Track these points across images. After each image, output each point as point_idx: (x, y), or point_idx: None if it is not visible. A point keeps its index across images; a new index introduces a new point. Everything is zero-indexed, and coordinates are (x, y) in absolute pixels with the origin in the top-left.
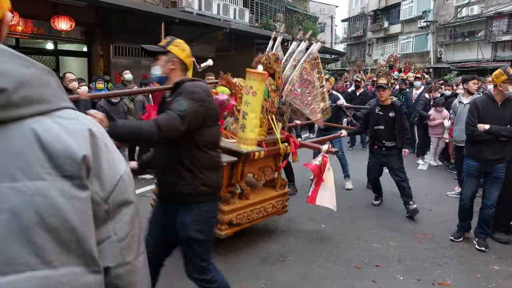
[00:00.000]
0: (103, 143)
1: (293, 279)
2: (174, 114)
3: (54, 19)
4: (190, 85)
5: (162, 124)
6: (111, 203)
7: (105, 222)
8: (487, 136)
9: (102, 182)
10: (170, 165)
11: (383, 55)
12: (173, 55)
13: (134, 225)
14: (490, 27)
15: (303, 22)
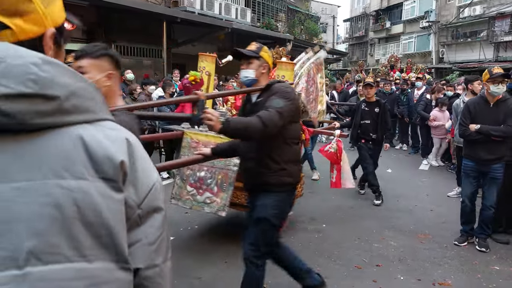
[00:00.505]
0: (139, 152)
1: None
2: (274, 111)
3: None
4: (282, 86)
5: (267, 120)
6: (144, 208)
7: (137, 225)
8: (477, 136)
9: (137, 188)
10: (259, 157)
11: (385, 55)
12: (264, 60)
13: (163, 230)
14: (492, 28)
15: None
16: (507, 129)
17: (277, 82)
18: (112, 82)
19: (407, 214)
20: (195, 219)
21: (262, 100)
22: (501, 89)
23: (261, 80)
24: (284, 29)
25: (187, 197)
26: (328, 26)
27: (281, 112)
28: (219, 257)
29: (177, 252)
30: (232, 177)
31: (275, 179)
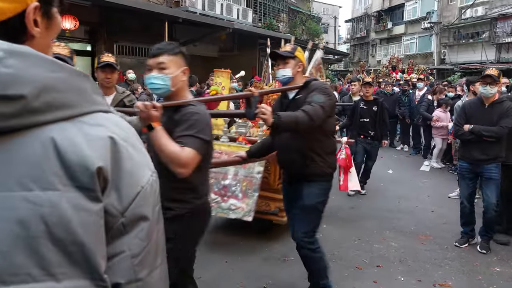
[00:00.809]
0: (126, 151)
1: (295, 278)
2: (318, 106)
3: None
4: (320, 83)
5: (312, 114)
6: (129, 216)
7: (120, 235)
8: (470, 136)
9: (121, 194)
10: (303, 150)
11: (386, 56)
12: (299, 60)
13: (151, 240)
14: (494, 29)
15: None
16: (499, 129)
17: (313, 79)
18: (185, 78)
19: (408, 215)
20: None
21: (302, 97)
22: (488, 90)
23: (297, 78)
24: (286, 29)
25: (212, 204)
26: (330, 26)
27: (324, 106)
28: (220, 257)
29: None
30: (256, 183)
31: (319, 169)
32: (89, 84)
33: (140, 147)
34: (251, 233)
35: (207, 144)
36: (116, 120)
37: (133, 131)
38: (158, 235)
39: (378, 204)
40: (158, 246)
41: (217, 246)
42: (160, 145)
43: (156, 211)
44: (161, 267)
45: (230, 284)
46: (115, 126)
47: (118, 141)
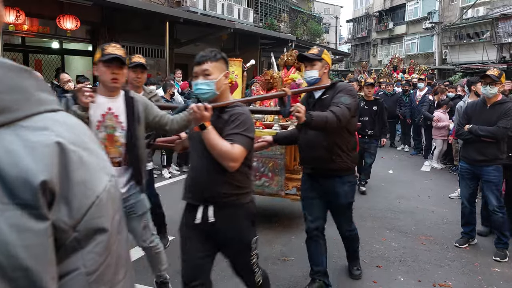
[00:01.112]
0: (78, 157)
1: (295, 278)
2: (344, 107)
3: (60, 18)
4: (345, 85)
5: (340, 115)
6: (82, 230)
7: (74, 251)
8: (468, 136)
9: (72, 207)
10: (330, 147)
11: (387, 56)
12: (325, 62)
13: (110, 253)
14: (496, 29)
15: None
16: (494, 129)
17: (339, 81)
18: (227, 81)
19: (408, 215)
20: None
21: (328, 97)
22: (488, 90)
23: (323, 78)
24: (287, 29)
25: None
26: (331, 26)
27: (349, 108)
28: (220, 257)
29: (178, 252)
30: (281, 164)
31: (344, 164)
32: (32, 80)
33: (95, 149)
34: None
35: (252, 141)
36: (65, 119)
37: (85, 130)
38: (119, 247)
39: (379, 204)
40: (119, 259)
41: None
42: (212, 143)
43: (116, 220)
44: (124, 281)
45: (230, 284)
46: (63, 127)
47: (66, 146)
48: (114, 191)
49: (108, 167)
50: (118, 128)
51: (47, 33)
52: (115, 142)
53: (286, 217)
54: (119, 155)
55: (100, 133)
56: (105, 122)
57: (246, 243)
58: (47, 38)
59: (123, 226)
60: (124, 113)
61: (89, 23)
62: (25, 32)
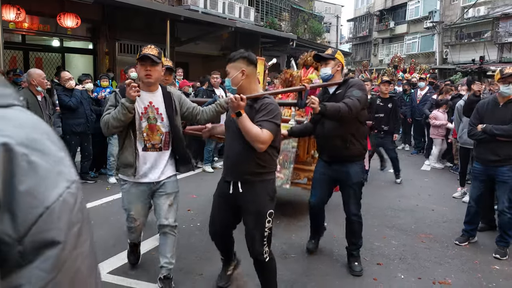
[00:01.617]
0: (27, 162)
1: (295, 275)
2: (356, 99)
3: (60, 16)
4: (357, 80)
5: (352, 106)
6: (28, 243)
7: (19, 267)
8: (482, 136)
9: (16, 217)
10: (345, 136)
11: (388, 55)
12: (338, 61)
13: (61, 270)
14: (497, 28)
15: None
16: (510, 128)
17: (351, 78)
18: (245, 76)
19: (408, 213)
20: (197, 216)
21: (341, 92)
22: (511, 89)
23: (336, 75)
24: (288, 28)
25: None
26: (332, 25)
27: (360, 100)
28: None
29: (179, 249)
30: (291, 157)
31: (358, 151)
32: None
33: (52, 151)
34: None
35: (278, 126)
36: (18, 116)
37: (44, 128)
38: (77, 262)
39: (379, 202)
40: (76, 276)
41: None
42: (246, 128)
43: (73, 232)
44: None
45: (231, 281)
46: (13, 126)
47: (13, 148)
48: (73, 199)
49: (67, 172)
50: (159, 119)
51: (48, 31)
52: (156, 131)
53: (286, 215)
54: (159, 142)
55: (143, 123)
56: (147, 114)
57: (263, 213)
58: (47, 36)
59: (85, 239)
60: (163, 106)
61: (89, 21)
62: (26, 30)
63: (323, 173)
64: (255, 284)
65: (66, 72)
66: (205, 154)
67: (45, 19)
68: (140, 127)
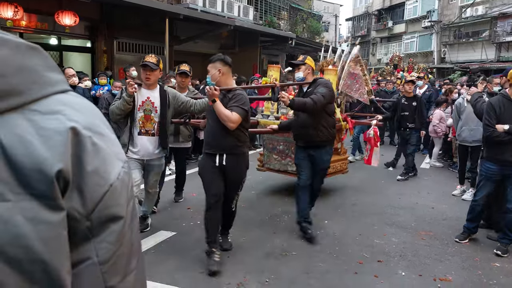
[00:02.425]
0: (91, 144)
1: (296, 273)
2: (320, 95)
3: (58, 14)
4: (324, 80)
5: (317, 100)
6: (95, 219)
7: (86, 240)
8: (506, 137)
9: (84, 195)
10: (315, 125)
11: (386, 54)
12: (308, 65)
13: (123, 243)
14: (495, 28)
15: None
16: None
17: (319, 78)
18: (221, 74)
19: (408, 211)
20: (197, 214)
21: (311, 90)
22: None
23: (308, 77)
24: (287, 27)
25: (275, 162)
26: (330, 25)
27: (324, 96)
28: (222, 252)
29: (179, 247)
30: (291, 147)
31: (325, 137)
32: (39, 59)
33: (108, 133)
34: (252, 229)
35: (246, 112)
36: (77, 101)
37: (97, 112)
38: (132, 234)
39: (379, 200)
40: (132, 246)
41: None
42: (219, 111)
43: (130, 207)
44: (137, 269)
45: (232, 279)
46: (75, 110)
47: (80, 132)
48: (128, 178)
49: (120, 152)
50: (153, 111)
51: (45, 29)
52: (150, 120)
53: (287, 213)
54: (152, 129)
55: (139, 113)
56: (144, 106)
57: (240, 180)
58: (45, 34)
59: (135, 213)
60: (158, 101)
61: (88, 20)
62: (23, 28)
63: (303, 157)
64: (257, 281)
65: (70, 69)
66: None
67: (43, 17)
68: (136, 116)
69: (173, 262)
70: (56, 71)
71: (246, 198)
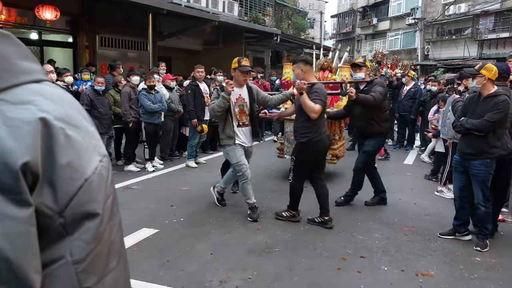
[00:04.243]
0: (64, 136)
1: (280, 270)
2: (378, 93)
3: (38, 8)
4: (379, 81)
5: (376, 97)
6: (69, 215)
7: (60, 238)
8: (459, 128)
9: (56, 190)
10: (366, 119)
11: (371, 51)
12: (367, 67)
13: (100, 241)
14: (477, 25)
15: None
16: (479, 123)
17: (375, 78)
18: (303, 72)
19: (391, 207)
20: (180, 212)
21: (368, 88)
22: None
23: (366, 77)
24: (272, 23)
25: None
26: (316, 21)
27: (381, 93)
28: (205, 250)
29: (162, 244)
30: None
31: (376, 130)
32: (11, 47)
33: (85, 126)
34: (236, 226)
35: (324, 103)
36: (52, 92)
37: (75, 103)
38: (112, 233)
39: (363, 196)
40: (112, 246)
41: (202, 239)
42: (305, 102)
43: (108, 204)
44: (116, 270)
45: (215, 276)
46: (48, 100)
47: (52, 123)
48: (106, 172)
49: (99, 146)
50: (245, 106)
51: (25, 24)
52: (244, 113)
53: (271, 210)
54: (247, 120)
55: (236, 108)
56: (238, 102)
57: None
58: (25, 29)
59: (117, 211)
60: (247, 97)
61: (69, 14)
62: (2, 23)
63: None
64: (240, 278)
65: (47, 65)
66: (188, 150)
67: (23, 11)
68: (234, 111)
69: (156, 259)
70: (31, 60)
71: (231, 195)
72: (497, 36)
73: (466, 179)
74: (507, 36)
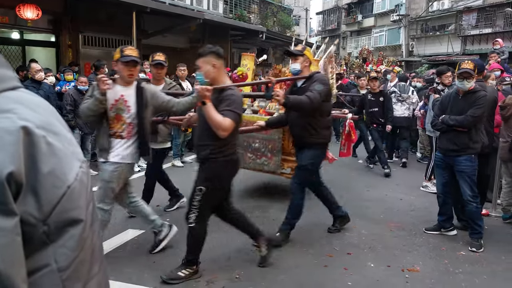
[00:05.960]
0: (46, 143)
1: (266, 269)
2: (317, 93)
3: (19, 7)
4: (321, 75)
5: (313, 98)
6: (52, 223)
7: (44, 246)
8: (441, 126)
9: (40, 198)
10: (304, 126)
11: (357, 48)
12: (306, 57)
13: (83, 248)
14: (460, 21)
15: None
16: (462, 118)
17: (316, 73)
18: (216, 69)
19: (377, 203)
20: (166, 212)
21: (307, 86)
22: (465, 84)
23: (304, 70)
24: (257, 21)
25: (249, 161)
26: (301, 18)
27: (321, 93)
28: None
29: (147, 246)
30: (278, 146)
31: (315, 140)
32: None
33: (64, 132)
34: (223, 226)
35: (239, 116)
36: (29, 99)
37: (52, 109)
38: (93, 239)
39: (348, 193)
40: (94, 251)
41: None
42: (210, 115)
43: (90, 209)
44: (98, 276)
45: (202, 276)
46: (28, 109)
47: (33, 131)
48: (86, 178)
49: (78, 152)
50: (125, 111)
51: (6, 23)
52: (121, 120)
53: (256, 208)
54: (122, 131)
55: (112, 113)
56: (117, 105)
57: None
58: (6, 29)
59: (96, 217)
60: (133, 99)
61: (51, 13)
62: None
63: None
64: (227, 278)
65: (35, 64)
66: (173, 149)
67: (4, 10)
68: (108, 116)
69: (141, 261)
70: (5, 67)
71: None
72: (480, 32)
73: (449, 175)
74: (490, 32)
